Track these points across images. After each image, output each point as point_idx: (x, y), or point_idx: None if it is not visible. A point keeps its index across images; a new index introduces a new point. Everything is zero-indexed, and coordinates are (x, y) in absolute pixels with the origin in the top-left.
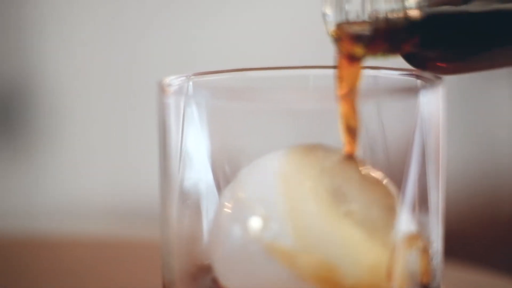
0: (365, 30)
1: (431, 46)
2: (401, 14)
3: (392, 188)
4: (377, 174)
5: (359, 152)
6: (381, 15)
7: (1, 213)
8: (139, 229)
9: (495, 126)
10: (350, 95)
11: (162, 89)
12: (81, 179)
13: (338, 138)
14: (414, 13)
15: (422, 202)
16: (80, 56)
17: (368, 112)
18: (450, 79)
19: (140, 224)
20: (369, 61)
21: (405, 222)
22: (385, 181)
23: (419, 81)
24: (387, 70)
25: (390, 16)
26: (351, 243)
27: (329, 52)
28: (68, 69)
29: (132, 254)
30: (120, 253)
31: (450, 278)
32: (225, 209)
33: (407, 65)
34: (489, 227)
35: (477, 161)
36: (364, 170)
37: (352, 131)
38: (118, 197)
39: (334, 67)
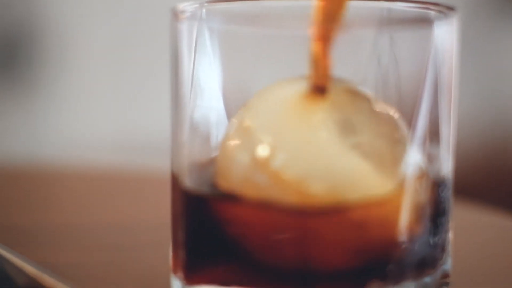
0: None
1: None
2: None
3: (402, 122)
4: (387, 108)
5: (371, 84)
6: None
7: (9, 150)
8: (146, 162)
9: (504, 72)
10: (327, 32)
11: (175, 16)
12: (86, 118)
13: (350, 66)
14: None
15: (433, 135)
16: None
17: (381, 44)
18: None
19: (147, 156)
20: None
21: (415, 156)
22: (395, 115)
23: (433, 13)
24: (401, 1)
25: None
26: (358, 174)
27: None
28: (73, 10)
29: (139, 186)
30: (127, 185)
31: (460, 217)
32: (233, 137)
33: None
34: (496, 170)
35: (486, 104)
36: (375, 103)
37: (320, 69)
38: (123, 133)
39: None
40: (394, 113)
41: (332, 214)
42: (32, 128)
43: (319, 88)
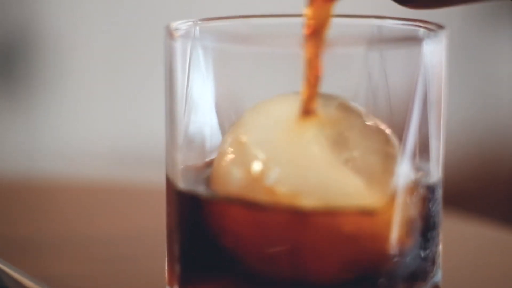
0: None
1: None
2: None
3: (393, 137)
4: (378, 123)
5: (362, 100)
6: None
7: (6, 158)
8: (141, 173)
9: (496, 81)
10: (316, 36)
11: (169, 33)
12: (83, 124)
13: (341, 83)
14: None
15: (423, 150)
16: (83, 2)
17: (372, 60)
18: (453, 32)
19: (141, 168)
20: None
21: (405, 170)
22: (386, 130)
23: (422, 31)
24: (391, 19)
25: None
26: (350, 190)
27: None
28: (71, 15)
29: (136, 198)
30: (121, 197)
31: (449, 228)
32: (226, 152)
33: (411, 15)
34: (488, 180)
35: (478, 114)
36: (366, 118)
37: (312, 79)
38: (120, 142)
39: (333, 15)
40: (385, 128)
41: (323, 222)
42: (30, 135)
43: (309, 106)
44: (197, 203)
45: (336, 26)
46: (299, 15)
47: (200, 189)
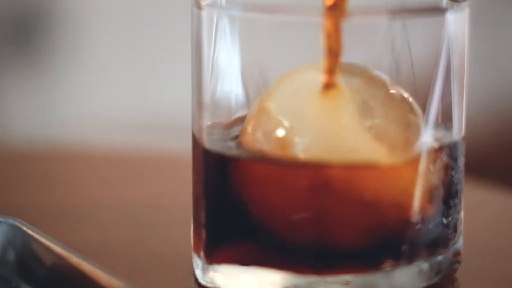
0: None
1: None
2: None
3: (415, 106)
4: (401, 92)
5: (385, 70)
6: None
7: (26, 126)
8: (161, 141)
9: None
10: (337, 8)
11: (196, 3)
12: (103, 92)
13: (365, 54)
14: None
15: (445, 119)
16: None
17: (395, 31)
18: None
19: (161, 136)
20: None
21: (428, 138)
22: (409, 99)
23: (445, 1)
24: None
25: None
26: (373, 157)
27: None
28: None
29: (160, 166)
30: (148, 165)
31: (470, 195)
32: (254, 120)
33: None
34: (508, 149)
35: (498, 85)
36: (390, 87)
37: (332, 53)
38: (139, 110)
39: None
40: (408, 97)
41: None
42: (50, 103)
43: (331, 79)
44: (223, 162)
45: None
46: None
47: (227, 148)
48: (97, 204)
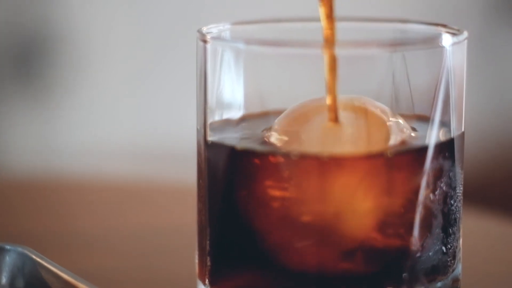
0: None
1: None
2: None
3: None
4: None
5: (385, 101)
6: None
7: (27, 155)
8: (162, 170)
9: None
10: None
11: (202, 37)
12: (105, 123)
13: (365, 85)
14: None
15: (444, 149)
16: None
17: (395, 63)
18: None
19: (162, 165)
20: None
21: (428, 167)
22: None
23: (444, 34)
24: (414, 23)
25: None
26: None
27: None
28: (90, 11)
29: (164, 195)
30: (153, 194)
31: (469, 223)
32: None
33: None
34: (506, 178)
35: (496, 114)
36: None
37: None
38: (140, 139)
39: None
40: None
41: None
42: (50, 135)
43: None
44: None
45: (361, 30)
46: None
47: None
48: (103, 232)
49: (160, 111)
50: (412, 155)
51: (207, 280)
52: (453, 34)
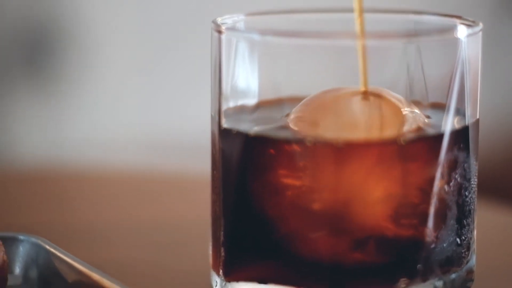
0: None
1: None
2: None
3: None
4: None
5: (400, 91)
6: None
7: (39, 147)
8: (172, 161)
9: None
10: None
11: (217, 27)
12: (113, 114)
13: (381, 76)
14: None
15: (459, 141)
16: None
17: (410, 54)
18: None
19: (172, 156)
20: None
21: (443, 158)
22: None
23: (459, 25)
24: (429, 15)
25: None
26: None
27: None
28: (98, 6)
29: (177, 186)
30: (167, 186)
31: (484, 215)
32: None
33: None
34: None
35: (508, 108)
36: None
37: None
38: (150, 131)
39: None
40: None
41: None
42: (58, 127)
43: None
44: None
45: (376, 22)
46: (342, 11)
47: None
48: (117, 223)
49: (166, 103)
50: (427, 143)
51: (221, 271)
52: (468, 26)
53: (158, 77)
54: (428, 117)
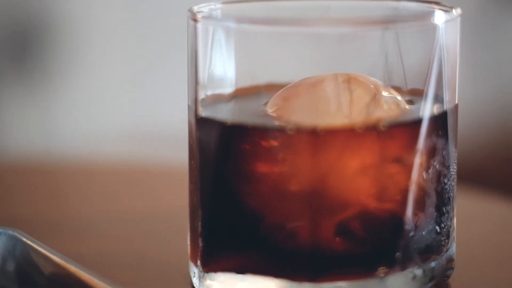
0: None
1: None
2: None
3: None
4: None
5: (377, 79)
6: None
7: (25, 140)
8: (156, 153)
9: (508, 62)
10: None
11: (193, 16)
12: (102, 107)
13: (359, 63)
14: None
15: (439, 127)
16: None
17: (387, 40)
18: (467, 15)
19: (156, 148)
20: None
21: (421, 145)
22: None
23: (436, 11)
24: (407, 1)
25: None
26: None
27: None
28: (89, 1)
29: (157, 178)
30: (145, 177)
31: (464, 203)
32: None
33: None
34: (501, 157)
35: (490, 94)
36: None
37: None
38: (138, 122)
39: None
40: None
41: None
42: (48, 120)
43: None
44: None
45: (354, 9)
46: None
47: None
48: (95, 215)
49: (156, 95)
50: (405, 129)
51: (199, 261)
52: (446, 11)
53: (148, 71)
54: (410, 102)
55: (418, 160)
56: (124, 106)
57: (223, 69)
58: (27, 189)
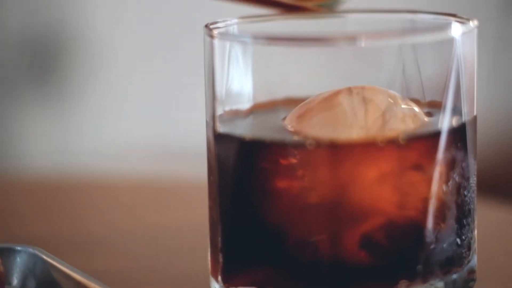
0: None
1: None
2: None
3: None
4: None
5: (396, 91)
6: None
7: (40, 156)
8: (177, 169)
9: None
10: None
11: (209, 32)
12: (121, 122)
13: (376, 76)
14: None
15: (457, 139)
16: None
17: (405, 53)
18: (484, 24)
19: (177, 164)
20: None
21: (441, 158)
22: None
23: (453, 23)
24: (423, 13)
25: None
26: None
27: None
28: (106, 12)
29: (176, 194)
30: (164, 193)
31: (484, 214)
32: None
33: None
34: None
35: (508, 106)
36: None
37: None
38: (155, 138)
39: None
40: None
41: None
42: (66, 136)
43: None
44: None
45: (370, 22)
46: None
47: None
48: (115, 232)
49: (172, 110)
50: (424, 141)
51: (219, 277)
52: (463, 24)
53: (164, 85)
54: (429, 114)
55: (437, 172)
56: (143, 121)
57: (240, 84)
58: (46, 206)
